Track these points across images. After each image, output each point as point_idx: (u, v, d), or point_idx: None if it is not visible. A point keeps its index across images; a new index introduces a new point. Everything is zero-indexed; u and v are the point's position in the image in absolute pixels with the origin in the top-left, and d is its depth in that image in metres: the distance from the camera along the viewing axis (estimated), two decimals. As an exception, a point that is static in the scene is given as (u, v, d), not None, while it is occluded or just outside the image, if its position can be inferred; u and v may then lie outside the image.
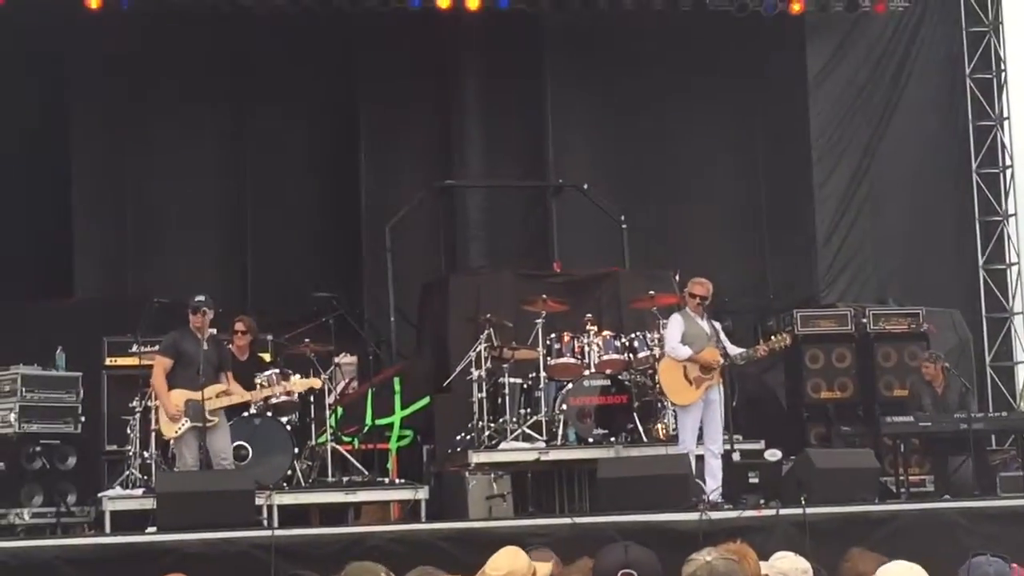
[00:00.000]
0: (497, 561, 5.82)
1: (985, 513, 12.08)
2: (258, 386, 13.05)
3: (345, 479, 13.57)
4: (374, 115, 18.83)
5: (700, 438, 12.83)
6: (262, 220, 18.45)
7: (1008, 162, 20.02)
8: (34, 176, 17.50)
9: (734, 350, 12.98)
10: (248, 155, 18.57)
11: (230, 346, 13.09)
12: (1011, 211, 19.99)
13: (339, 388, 14.26)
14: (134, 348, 14.28)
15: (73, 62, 17.92)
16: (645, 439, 13.70)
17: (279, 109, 18.63)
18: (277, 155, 18.64)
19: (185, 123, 18.33)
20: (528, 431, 13.77)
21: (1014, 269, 19.92)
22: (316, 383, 13.03)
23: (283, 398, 13.12)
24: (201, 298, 12.19)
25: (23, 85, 17.28)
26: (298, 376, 13.04)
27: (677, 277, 15.22)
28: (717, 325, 13.11)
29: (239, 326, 13.62)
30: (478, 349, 14.14)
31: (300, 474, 13.23)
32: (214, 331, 12.56)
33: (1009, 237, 19.93)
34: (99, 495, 13.02)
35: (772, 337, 13.35)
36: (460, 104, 19.01)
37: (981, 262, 19.82)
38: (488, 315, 14.36)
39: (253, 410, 13.09)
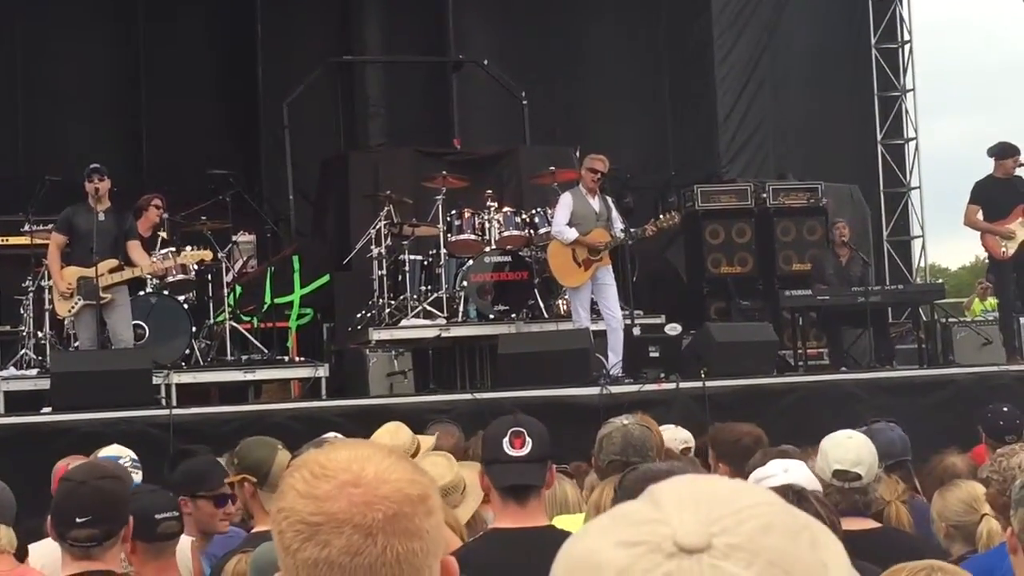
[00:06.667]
0: (379, 437, 5.94)
1: (881, 384, 12.31)
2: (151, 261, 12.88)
3: (244, 358, 13.48)
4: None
5: (599, 315, 12.86)
6: (157, 96, 18.09)
7: (907, 37, 20.10)
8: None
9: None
10: (141, 30, 18.17)
11: (138, 221, 12.83)
12: (909, 86, 20.12)
13: (237, 266, 14.07)
14: (26, 227, 13.98)
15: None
16: (546, 315, 13.71)
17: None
18: (171, 29, 18.26)
19: (75, -1, 17.88)
20: (429, 308, 13.72)
21: (911, 144, 20.09)
22: (207, 255, 12.75)
23: (179, 276, 12.93)
24: (96, 165, 11.89)
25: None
26: (190, 248, 12.81)
27: (577, 153, 15.14)
28: (611, 202, 13.00)
29: (157, 202, 13.43)
30: (378, 226, 14.04)
31: (199, 353, 13.11)
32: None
33: (907, 112, 20.08)
34: (-8, 375, 12.82)
35: (661, 216, 13.29)
36: (358, -23, 18.68)
37: (879, 137, 19.95)
38: (388, 192, 14.24)
39: (150, 289, 12.91)
